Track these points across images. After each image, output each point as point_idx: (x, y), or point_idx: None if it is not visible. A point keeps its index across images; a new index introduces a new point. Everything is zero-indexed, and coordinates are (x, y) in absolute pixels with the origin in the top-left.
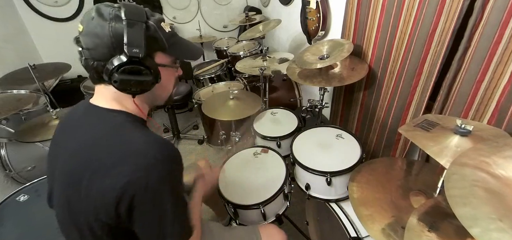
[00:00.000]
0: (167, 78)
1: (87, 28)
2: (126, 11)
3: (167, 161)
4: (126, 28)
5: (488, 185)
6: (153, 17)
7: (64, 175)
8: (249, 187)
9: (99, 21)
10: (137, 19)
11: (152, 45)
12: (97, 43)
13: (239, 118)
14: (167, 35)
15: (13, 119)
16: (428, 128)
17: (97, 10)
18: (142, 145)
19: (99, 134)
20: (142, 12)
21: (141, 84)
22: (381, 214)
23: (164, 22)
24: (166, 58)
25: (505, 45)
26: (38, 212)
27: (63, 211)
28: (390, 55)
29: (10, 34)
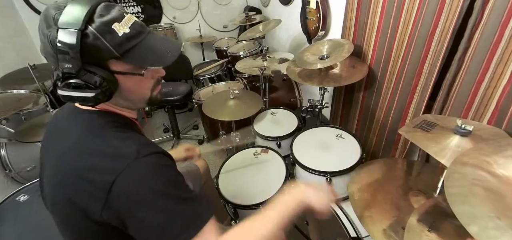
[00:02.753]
0: (134, 85)
1: (38, 30)
2: (64, 16)
3: (145, 161)
4: (57, 37)
5: (488, 184)
6: (101, 18)
7: (50, 179)
8: (249, 187)
9: (42, 27)
10: (69, 27)
11: (95, 54)
12: (45, 50)
13: (239, 118)
14: (119, 40)
15: (13, 119)
16: (428, 129)
17: (45, 12)
18: (118, 149)
19: (78, 137)
20: (82, 16)
21: (82, 99)
22: (381, 214)
23: (119, 22)
24: (124, 65)
25: (505, 45)
26: (38, 212)
27: (55, 214)
28: (390, 55)
29: (10, 34)
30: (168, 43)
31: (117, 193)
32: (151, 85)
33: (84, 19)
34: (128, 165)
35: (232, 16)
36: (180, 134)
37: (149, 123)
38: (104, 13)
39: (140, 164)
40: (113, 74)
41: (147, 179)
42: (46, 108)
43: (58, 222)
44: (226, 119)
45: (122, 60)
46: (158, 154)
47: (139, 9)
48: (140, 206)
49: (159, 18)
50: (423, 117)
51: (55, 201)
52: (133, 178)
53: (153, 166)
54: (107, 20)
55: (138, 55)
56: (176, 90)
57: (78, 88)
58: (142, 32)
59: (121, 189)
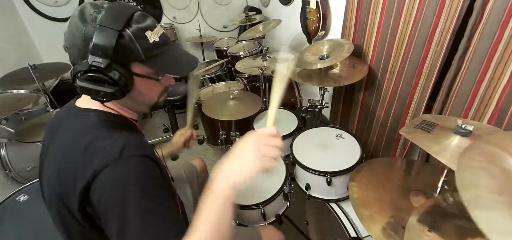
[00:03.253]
0: (148, 88)
1: (69, 24)
2: (104, 16)
3: (125, 164)
4: (96, 33)
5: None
6: (137, 25)
7: (46, 178)
8: (249, 187)
9: (77, 21)
10: (110, 26)
11: (125, 55)
12: (71, 42)
13: (239, 118)
14: (148, 46)
15: (13, 119)
16: (428, 129)
17: (81, 9)
18: (103, 147)
19: (74, 135)
20: (121, 18)
21: (100, 94)
22: (381, 214)
23: (151, 31)
24: (144, 68)
25: (505, 45)
26: (38, 212)
27: (52, 211)
28: (390, 55)
29: (10, 34)
30: (187, 56)
31: (93, 193)
32: (160, 92)
33: (124, 21)
34: (105, 166)
35: (232, 16)
36: None
37: (149, 123)
38: (140, 21)
39: (120, 165)
40: (132, 75)
41: (121, 184)
42: (46, 108)
43: (54, 221)
44: (226, 119)
45: (146, 64)
46: (142, 158)
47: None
48: (110, 211)
49: (159, 18)
50: (423, 117)
51: (50, 200)
52: (109, 180)
53: (132, 170)
54: (142, 27)
55: (161, 62)
56: (176, 90)
57: (100, 82)
58: (168, 43)
59: (97, 189)
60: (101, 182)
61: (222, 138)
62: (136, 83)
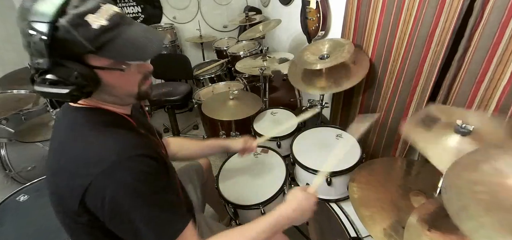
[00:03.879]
0: (117, 80)
1: None
2: (34, 6)
3: (124, 166)
4: (29, 31)
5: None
6: (75, 10)
7: (48, 176)
8: (249, 187)
9: (18, 20)
10: (39, 19)
11: (66, 49)
12: (23, 44)
13: (239, 118)
14: (93, 33)
15: (13, 119)
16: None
17: (22, 3)
18: (98, 150)
19: (67, 136)
20: (51, 7)
21: (57, 96)
22: (381, 214)
23: (93, 14)
24: (102, 60)
25: (505, 45)
26: (38, 212)
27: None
28: (390, 55)
29: (10, 34)
30: (151, 34)
31: (92, 197)
32: (138, 80)
33: (55, 11)
34: (104, 169)
35: (232, 16)
36: (180, 134)
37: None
38: (78, 4)
39: (118, 168)
40: (93, 69)
41: (122, 185)
42: (46, 108)
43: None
44: (226, 119)
45: (99, 55)
46: (139, 157)
47: (139, 9)
48: (114, 211)
49: (159, 18)
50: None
51: (52, 201)
52: (108, 182)
53: (131, 171)
54: (80, 12)
55: (116, 49)
56: (176, 90)
57: (53, 84)
58: (121, 23)
59: (96, 193)
60: (99, 187)
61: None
62: (102, 76)
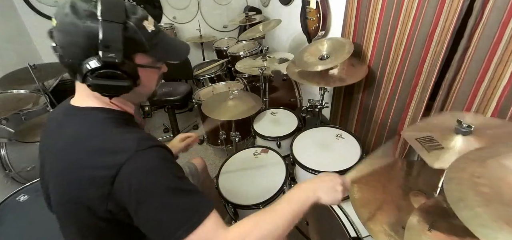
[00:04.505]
0: (148, 78)
1: (60, 23)
2: (103, 9)
3: (145, 155)
4: (102, 28)
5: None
6: (134, 15)
7: (54, 177)
8: (249, 187)
9: (72, 18)
10: (114, 19)
11: (131, 47)
12: (70, 41)
13: (239, 118)
14: (149, 35)
15: (13, 119)
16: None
17: (72, 5)
18: (119, 143)
19: (79, 133)
20: (121, 10)
21: (116, 89)
22: (381, 214)
23: (147, 20)
24: (147, 59)
25: (505, 45)
26: (38, 212)
27: (61, 210)
28: (389, 55)
29: (10, 34)
30: (179, 41)
31: (120, 187)
32: (157, 80)
33: (124, 13)
34: (128, 159)
35: (232, 16)
36: None
37: (149, 123)
38: (134, 11)
39: (141, 156)
40: (136, 66)
41: (148, 172)
42: (46, 108)
43: (63, 222)
44: (226, 119)
45: (148, 54)
46: (158, 148)
47: None
48: (142, 198)
49: (159, 18)
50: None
51: (60, 201)
52: (134, 171)
53: (154, 159)
54: (139, 17)
55: (162, 50)
56: (176, 90)
57: (115, 78)
58: (161, 31)
59: (124, 182)
60: (126, 175)
61: (222, 138)
62: (141, 74)
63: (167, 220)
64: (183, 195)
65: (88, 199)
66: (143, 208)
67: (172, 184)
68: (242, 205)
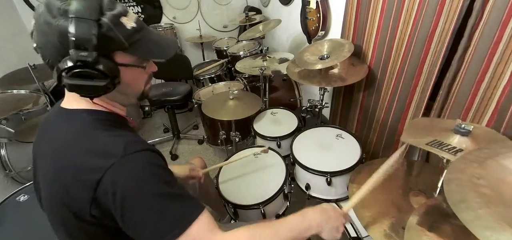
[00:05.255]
0: (134, 78)
1: (36, 23)
2: (77, 7)
3: (131, 160)
4: (73, 26)
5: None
6: (110, 11)
7: (43, 181)
8: (249, 187)
9: (46, 17)
10: (86, 16)
11: (107, 45)
12: (45, 41)
13: (238, 118)
14: (128, 32)
15: (13, 119)
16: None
17: (47, 4)
18: (105, 146)
19: (69, 136)
20: (95, 7)
21: (93, 89)
22: (381, 214)
23: (125, 16)
24: (129, 57)
25: (505, 45)
26: (38, 212)
27: (51, 213)
28: (390, 55)
29: (10, 34)
30: (165, 39)
31: (104, 192)
32: (145, 80)
33: (98, 10)
34: (114, 163)
35: (232, 16)
36: (180, 134)
37: (149, 123)
38: (111, 7)
39: (127, 161)
40: (117, 65)
41: (133, 178)
42: (46, 108)
43: (53, 223)
44: (226, 119)
45: (129, 52)
46: (146, 152)
47: (139, 9)
48: (127, 205)
49: (159, 18)
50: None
51: (49, 203)
52: (119, 176)
53: (140, 163)
54: (116, 13)
55: (144, 48)
56: (176, 90)
57: (89, 77)
58: (144, 27)
59: (107, 187)
60: (110, 180)
61: (222, 138)
62: (122, 74)
63: (153, 226)
64: (169, 200)
65: (74, 202)
66: (129, 214)
67: (158, 189)
68: (242, 205)
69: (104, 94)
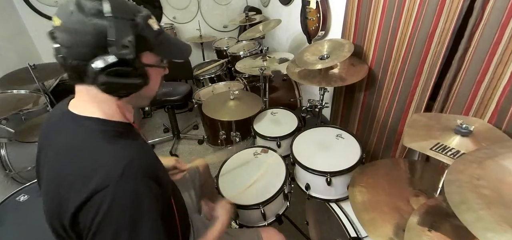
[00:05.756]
0: (154, 78)
1: (65, 23)
2: (112, 6)
3: (125, 188)
4: (113, 25)
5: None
6: (140, 13)
7: (45, 183)
8: (249, 187)
9: (79, 16)
10: (124, 16)
11: (140, 44)
12: (76, 40)
13: (239, 118)
14: (154, 33)
15: (13, 119)
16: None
17: (77, 3)
18: (108, 163)
19: (71, 144)
20: (129, 8)
21: (129, 87)
22: (382, 217)
23: (151, 19)
24: (153, 57)
25: (505, 45)
26: (38, 212)
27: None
28: (391, 55)
29: (10, 34)
30: (181, 41)
31: (86, 211)
32: (160, 81)
33: (131, 11)
34: (106, 186)
35: (232, 16)
36: (180, 134)
37: (149, 123)
38: (139, 9)
39: (119, 187)
40: (144, 66)
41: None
42: (46, 108)
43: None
44: (226, 119)
45: (154, 52)
46: (143, 179)
47: None
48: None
49: (159, 18)
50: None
51: (46, 209)
52: (107, 201)
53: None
54: (144, 15)
55: (166, 49)
56: (176, 90)
57: (126, 75)
58: (163, 30)
59: (92, 207)
60: (98, 203)
61: (222, 138)
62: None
63: None
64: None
65: (62, 214)
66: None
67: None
68: (242, 205)
69: (135, 92)
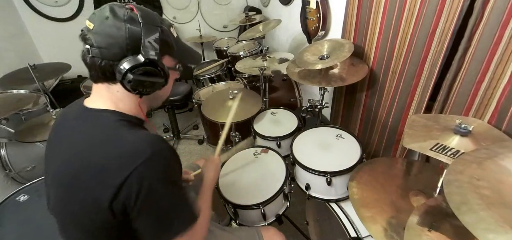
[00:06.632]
0: (170, 80)
1: (100, 27)
2: (142, 15)
3: (159, 156)
4: (144, 30)
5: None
6: (164, 22)
7: (59, 178)
8: (249, 187)
9: (114, 22)
10: (153, 23)
11: (164, 48)
12: (110, 43)
13: (239, 119)
14: (174, 39)
15: (13, 119)
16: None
17: (112, 10)
18: (133, 144)
19: (92, 137)
20: (155, 16)
21: (153, 85)
22: (382, 215)
23: (172, 27)
24: (171, 61)
25: (505, 45)
26: (38, 212)
27: (61, 214)
28: (392, 54)
29: (10, 34)
30: (193, 49)
31: (128, 189)
32: (172, 84)
33: (158, 19)
34: (142, 161)
35: (232, 16)
36: (180, 134)
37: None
38: (162, 19)
39: (153, 160)
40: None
41: (158, 174)
42: (46, 108)
43: (62, 223)
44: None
45: (173, 56)
46: (168, 150)
47: None
48: (147, 200)
49: None
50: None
51: (64, 200)
52: (146, 173)
53: (164, 162)
54: (167, 24)
55: (183, 54)
56: (176, 90)
57: (153, 74)
58: (179, 38)
59: (133, 184)
60: (139, 176)
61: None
62: None
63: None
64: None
65: (94, 202)
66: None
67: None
68: (242, 205)
69: (157, 90)
